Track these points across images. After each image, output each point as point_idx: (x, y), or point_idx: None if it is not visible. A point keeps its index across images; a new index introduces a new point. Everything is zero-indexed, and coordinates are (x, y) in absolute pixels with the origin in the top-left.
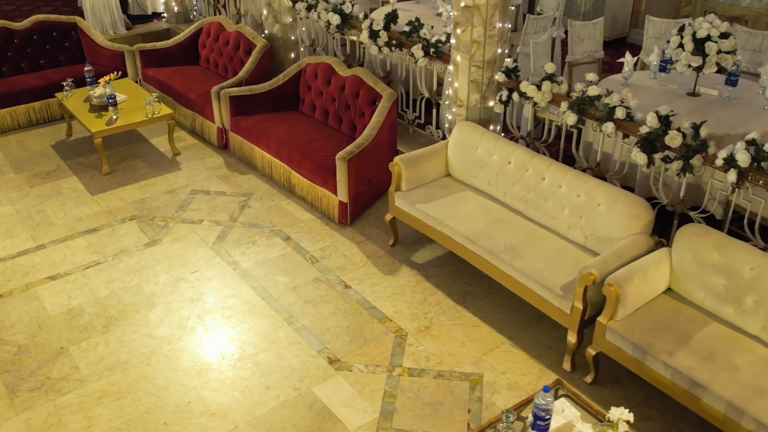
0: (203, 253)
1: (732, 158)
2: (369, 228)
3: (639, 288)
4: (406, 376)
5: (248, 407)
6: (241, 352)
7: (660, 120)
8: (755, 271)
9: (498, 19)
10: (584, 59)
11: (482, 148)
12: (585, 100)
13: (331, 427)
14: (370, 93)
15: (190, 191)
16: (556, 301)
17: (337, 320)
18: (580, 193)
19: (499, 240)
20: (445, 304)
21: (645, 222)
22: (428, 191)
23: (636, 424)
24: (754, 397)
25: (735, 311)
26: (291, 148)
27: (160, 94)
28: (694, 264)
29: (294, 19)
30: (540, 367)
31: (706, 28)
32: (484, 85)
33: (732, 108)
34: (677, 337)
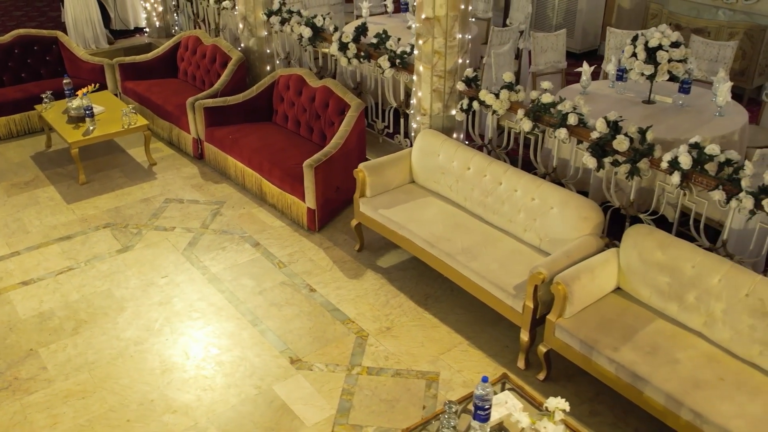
0: (174, 259)
1: (675, 161)
2: (337, 234)
3: (586, 286)
4: (365, 374)
5: (209, 405)
6: (205, 352)
7: (609, 125)
8: (696, 268)
9: (458, 30)
10: (548, 69)
11: (443, 155)
12: (539, 108)
13: (289, 424)
14: (339, 103)
15: (164, 200)
16: (509, 300)
17: (300, 322)
18: (534, 197)
19: (456, 243)
20: (406, 306)
21: (595, 223)
22: (392, 197)
23: (586, 419)
24: (693, 389)
25: (678, 308)
26: (262, 157)
27: (138, 106)
28: (640, 263)
29: (269, 32)
30: (495, 365)
31: (657, 37)
32: (446, 94)
33: (684, 114)
34: (622, 334)
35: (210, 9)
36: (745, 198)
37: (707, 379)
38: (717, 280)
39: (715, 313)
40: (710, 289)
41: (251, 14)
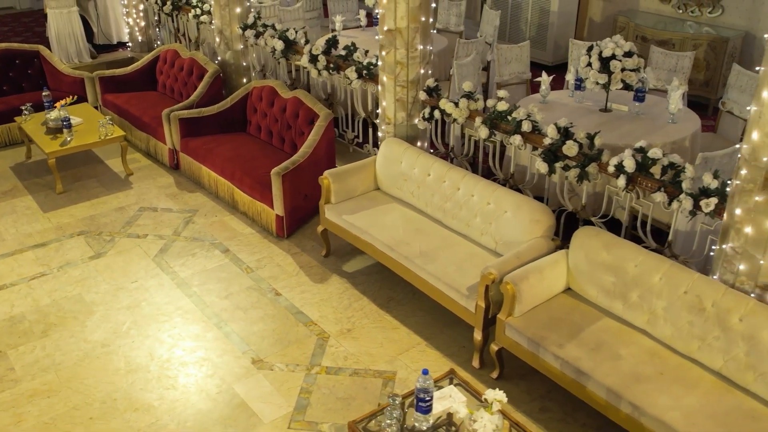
0: (144, 265)
1: (621, 165)
2: (305, 240)
3: (535, 286)
4: (324, 374)
5: (170, 403)
6: (170, 354)
7: (559, 131)
8: (639, 267)
9: (419, 41)
10: (513, 80)
11: (405, 162)
12: (496, 115)
13: (246, 420)
14: (308, 113)
15: (139, 208)
16: (463, 300)
17: (264, 324)
18: (490, 201)
19: (415, 246)
20: (368, 309)
21: (546, 226)
22: (356, 203)
23: (536, 415)
24: (632, 383)
25: (623, 306)
26: (234, 166)
27: (118, 118)
28: (587, 264)
29: (245, 46)
30: (451, 364)
31: (611, 47)
32: (410, 104)
33: (639, 122)
34: (569, 331)
35: (189, 23)
36: (684, 199)
37: (647, 373)
38: (658, 279)
39: (656, 310)
40: (652, 287)
41: (227, 28)
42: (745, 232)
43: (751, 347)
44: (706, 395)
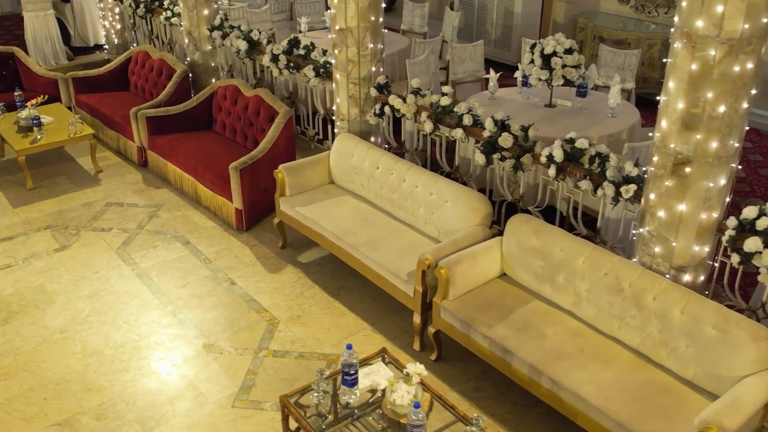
0: (107, 257)
1: (551, 155)
2: (264, 233)
3: (468, 271)
4: (270, 357)
5: (122, 385)
6: (125, 339)
7: (496, 124)
8: (564, 252)
9: (369, 40)
10: (467, 78)
11: (356, 156)
12: (440, 110)
13: (193, 399)
14: (269, 111)
15: (106, 203)
16: (403, 286)
17: (218, 311)
18: (432, 192)
19: (361, 236)
20: (319, 296)
21: (483, 215)
22: (310, 196)
23: (470, 394)
24: (553, 361)
25: (551, 289)
26: (197, 162)
27: (90, 117)
28: (518, 249)
29: (213, 46)
30: (393, 347)
31: (552, 45)
32: (362, 100)
33: (580, 116)
34: (499, 313)
35: (161, 26)
36: (607, 186)
37: (569, 351)
38: (581, 262)
39: (580, 292)
40: (576, 270)
41: (195, 29)
42: (658, 216)
43: (663, 325)
44: (623, 371)
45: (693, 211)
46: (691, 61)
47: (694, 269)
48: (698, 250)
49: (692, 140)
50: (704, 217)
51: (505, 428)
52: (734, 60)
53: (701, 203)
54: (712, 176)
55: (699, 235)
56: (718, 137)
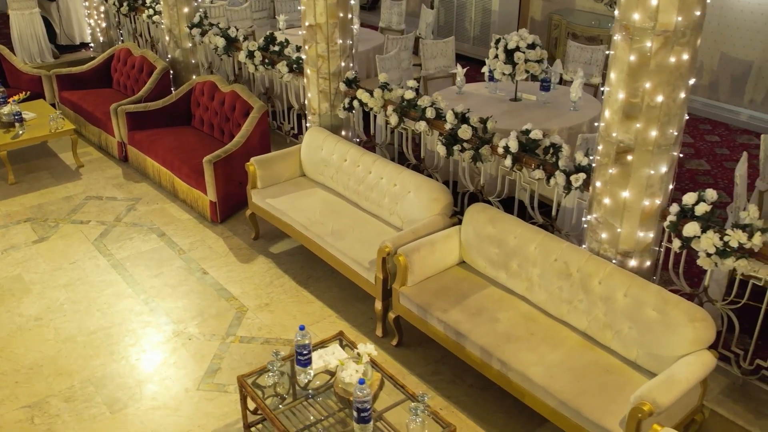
0: (84, 248)
1: (507, 146)
2: (238, 225)
3: (426, 258)
4: (237, 343)
5: (92, 369)
6: (97, 326)
7: (456, 117)
8: (518, 239)
9: (338, 36)
10: (438, 74)
11: (326, 149)
12: (405, 104)
13: (160, 383)
14: (244, 106)
15: (85, 197)
16: (365, 273)
17: (189, 299)
18: (396, 183)
19: (328, 226)
20: (288, 285)
21: (443, 204)
22: (281, 188)
23: (428, 377)
24: (504, 343)
25: (506, 275)
26: (174, 156)
27: (74, 114)
28: (475, 237)
29: (193, 44)
30: (357, 333)
31: (515, 40)
32: (332, 95)
33: (544, 110)
34: (455, 299)
35: (144, 24)
36: (558, 175)
37: (519, 334)
38: (533, 248)
39: (533, 277)
40: (528, 256)
41: (176, 27)
42: (604, 203)
43: (608, 308)
44: (569, 352)
45: (636, 198)
46: (630, 52)
47: (640, 254)
48: (643, 236)
49: (633, 129)
50: (647, 204)
51: (460, 410)
52: (670, 51)
53: (643, 190)
54: (653, 164)
55: (643, 222)
56: (657, 126)
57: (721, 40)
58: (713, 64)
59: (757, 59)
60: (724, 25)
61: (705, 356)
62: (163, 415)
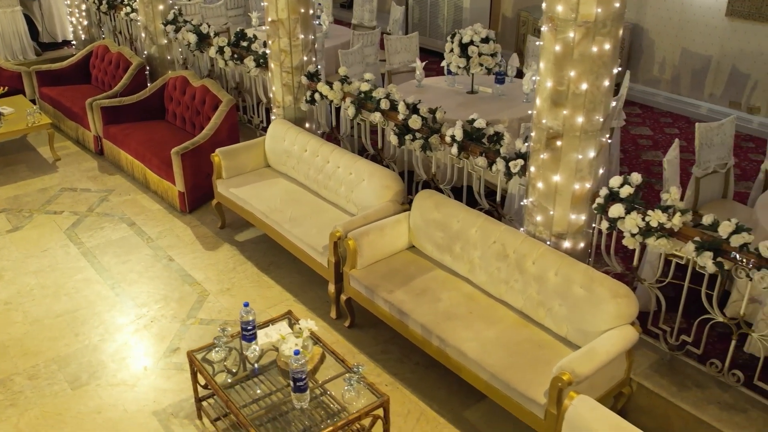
0: (56, 237)
1: (453, 135)
2: (206, 215)
3: (375, 242)
4: (197, 324)
5: (57, 349)
6: (64, 309)
7: (408, 108)
8: (460, 223)
9: (300, 31)
10: (402, 68)
11: (287, 140)
12: (362, 96)
13: (121, 362)
14: (214, 99)
15: (60, 189)
16: (318, 257)
17: (154, 285)
18: (351, 172)
19: (286, 213)
20: (250, 271)
21: (395, 191)
22: (245, 179)
23: (378, 356)
24: (443, 321)
25: (451, 258)
26: (145, 149)
27: (53, 109)
28: (422, 222)
29: (168, 40)
30: (312, 315)
31: (469, 34)
32: (295, 88)
33: (498, 102)
34: (401, 280)
35: (122, 21)
36: (499, 162)
37: (459, 313)
38: (474, 231)
39: (474, 259)
40: (470, 239)
41: (151, 24)
42: (538, 187)
43: (540, 286)
44: (505, 329)
45: (566, 182)
46: (555, 43)
47: (573, 236)
48: (575, 218)
49: (561, 116)
50: (577, 188)
51: (405, 386)
52: (591, 41)
53: (573, 174)
54: (581, 149)
55: (574, 204)
56: (583, 112)
57: (682, 36)
58: (675, 59)
59: (715, 54)
60: (685, 20)
61: (627, 331)
62: (121, 391)
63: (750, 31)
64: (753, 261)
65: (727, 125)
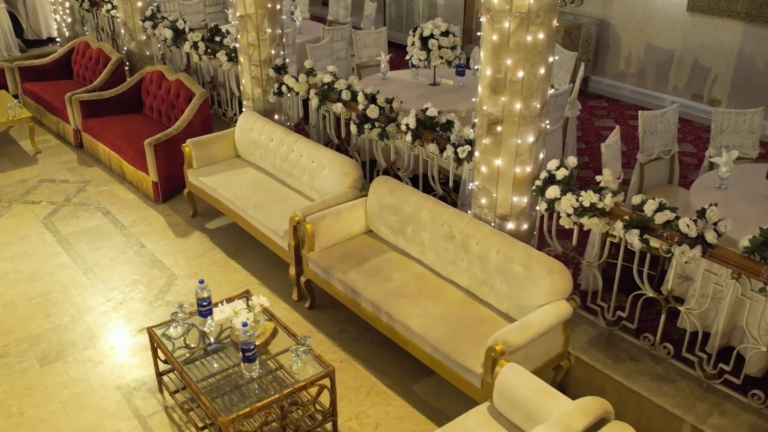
0: (33, 225)
1: (407, 124)
2: (179, 204)
3: (332, 226)
4: (164, 306)
5: (29, 329)
6: (37, 292)
7: (367, 98)
8: (412, 207)
9: (267, 25)
10: (370, 62)
11: (255, 131)
12: (324, 87)
13: (89, 340)
14: (188, 93)
15: (39, 180)
16: (279, 240)
17: (125, 269)
18: (314, 160)
19: (252, 200)
20: (218, 257)
21: (353, 178)
22: (215, 168)
23: (335, 335)
24: (392, 299)
25: (404, 240)
26: (121, 140)
27: (35, 104)
28: (378, 206)
29: (147, 36)
30: (275, 298)
31: (429, 28)
32: (264, 81)
33: (457, 93)
34: (356, 262)
35: (105, 18)
36: (449, 148)
37: (408, 291)
38: (425, 214)
39: (424, 241)
40: (420, 221)
41: (130, 20)
42: (482, 171)
43: (484, 265)
44: (450, 306)
45: (507, 166)
46: (492, 32)
47: (516, 218)
48: (517, 200)
49: (500, 102)
50: (518, 171)
51: (359, 362)
52: (526, 31)
53: (514, 158)
54: (520, 134)
55: (516, 187)
56: (520, 99)
57: (646, 31)
58: (640, 53)
59: (678, 48)
60: (648, 16)
61: (561, 305)
62: (87, 367)
63: (710, 26)
64: (677, 238)
65: (670, 113)
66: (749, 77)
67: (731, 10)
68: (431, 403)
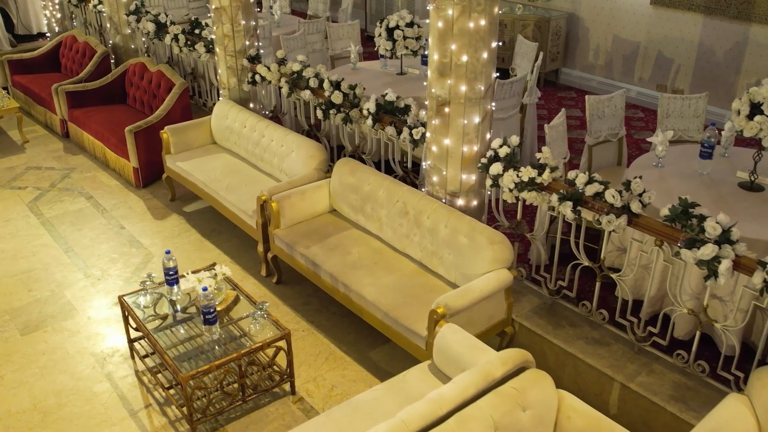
0: (18, 208)
1: (368, 109)
2: (159, 190)
3: (296, 204)
4: (140, 281)
5: (11, 303)
6: (20, 270)
7: (332, 85)
8: (370, 186)
9: (242, 17)
10: (343, 54)
11: (230, 118)
12: (294, 75)
13: (67, 312)
14: (168, 83)
15: (26, 167)
16: (248, 219)
17: (104, 248)
18: (283, 144)
19: (224, 182)
20: (193, 237)
21: (319, 161)
22: (192, 154)
23: (300, 307)
24: (349, 271)
25: (364, 218)
26: (104, 129)
27: (24, 96)
28: (340, 186)
29: (132, 30)
30: (245, 274)
31: (395, 19)
32: (239, 70)
33: (422, 81)
34: (319, 238)
35: (92, 13)
36: (404, 131)
37: (365, 264)
38: (382, 193)
39: (382, 218)
40: (378, 199)
41: (115, 15)
42: (433, 150)
43: (433, 238)
44: (403, 277)
45: (455, 145)
46: (438, 19)
47: (466, 195)
48: (465, 178)
49: (447, 85)
50: (466, 150)
51: (320, 332)
52: (468, 18)
53: (461, 138)
54: (467, 115)
55: (464, 166)
56: (465, 82)
57: (613, 23)
58: (607, 45)
59: (643, 40)
60: (615, 9)
61: (501, 273)
62: (65, 336)
63: (672, 19)
64: (606, 209)
65: (617, 98)
66: (709, 67)
67: (692, 4)
68: (385, 367)
